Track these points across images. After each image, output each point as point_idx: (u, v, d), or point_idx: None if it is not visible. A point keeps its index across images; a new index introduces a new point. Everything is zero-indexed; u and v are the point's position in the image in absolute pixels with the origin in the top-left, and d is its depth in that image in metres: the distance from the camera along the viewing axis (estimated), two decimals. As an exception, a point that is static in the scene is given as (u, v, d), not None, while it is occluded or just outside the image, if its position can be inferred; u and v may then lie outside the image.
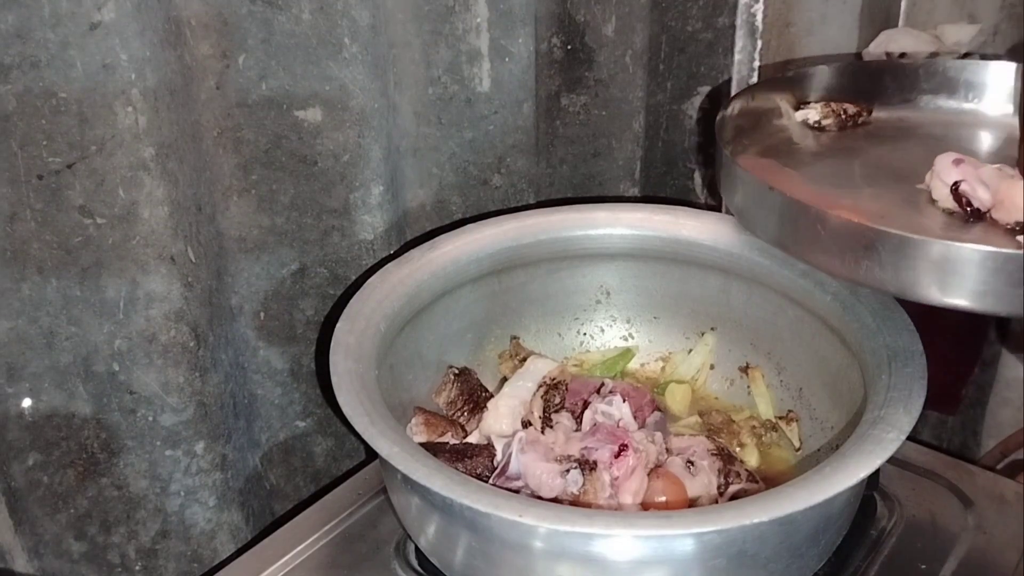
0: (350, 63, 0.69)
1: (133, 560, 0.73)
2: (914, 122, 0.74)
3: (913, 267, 0.54)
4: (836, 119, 0.73)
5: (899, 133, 0.73)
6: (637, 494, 0.61)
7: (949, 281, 0.53)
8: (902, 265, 0.54)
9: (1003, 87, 0.73)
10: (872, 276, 0.55)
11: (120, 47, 0.58)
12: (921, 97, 0.75)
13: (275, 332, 0.77)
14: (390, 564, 0.64)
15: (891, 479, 0.70)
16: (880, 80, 0.75)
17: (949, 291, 0.53)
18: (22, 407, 0.66)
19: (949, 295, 0.54)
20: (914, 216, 0.62)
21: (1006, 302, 0.52)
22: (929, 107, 0.74)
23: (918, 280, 0.54)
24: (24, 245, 0.62)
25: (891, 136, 0.72)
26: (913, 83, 0.75)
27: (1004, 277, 0.52)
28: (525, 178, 0.84)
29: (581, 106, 0.88)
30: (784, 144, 0.72)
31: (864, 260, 0.55)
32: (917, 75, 0.75)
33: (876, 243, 0.54)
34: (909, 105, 0.75)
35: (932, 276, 0.53)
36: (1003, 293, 0.52)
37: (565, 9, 0.84)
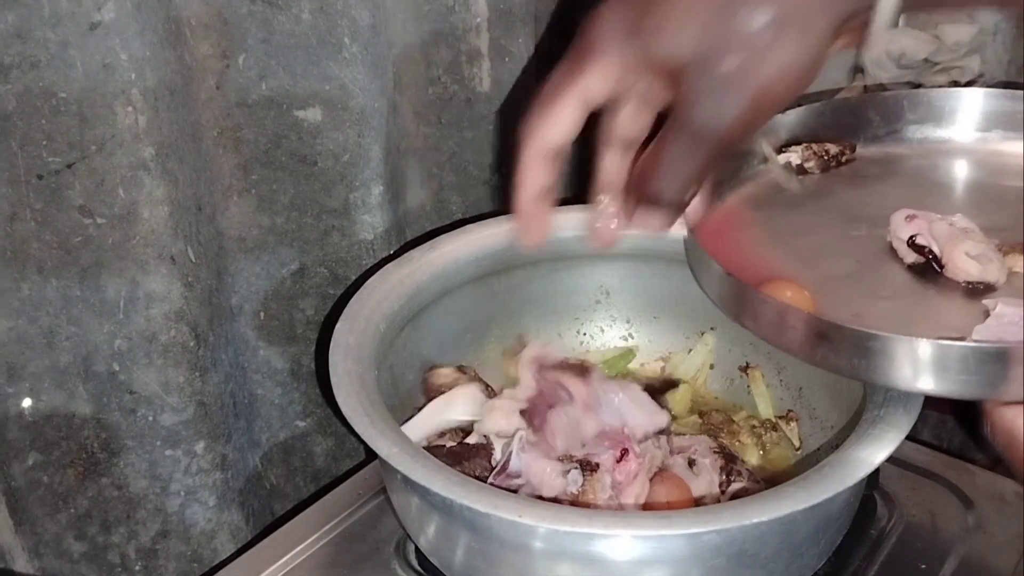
0: (350, 63, 0.69)
1: (133, 560, 0.73)
2: (900, 156, 0.72)
3: (867, 357, 0.53)
4: (818, 160, 0.71)
5: (884, 170, 0.71)
6: (638, 498, 0.61)
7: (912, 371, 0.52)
8: (853, 354, 0.53)
9: (985, 112, 0.71)
10: (828, 362, 0.54)
11: (120, 47, 0.58)
12: (907, 128, 0.72)
13: (275, 332, 0.77)
14: (390, 564, 0.64)
15: (891, 479, 0.70)
16: (863, 114, 0.73)
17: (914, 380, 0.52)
18: (22, 407, 0.66)
19: (912, 384, 0.52)
20: (876, 279, 0.61)
21: (972, 388, 0.51)
22: (915, 138, 0.72)
23: (874, 368, 0.53)
24: (24, 245, 0.62)
25: (875, 175, 0.70)
26: (898, 115, 0.72)
27: (953, 365, 0.51)
28: (525, 178, 0.84)
29: (581, 106, 0.88)
30: (766, 191, 0.70)
31: (819, 347, 0.54)
32: (901, 106, 0.73)
33: (828, 333, 0.53)
34: (895, 137, 0.72)
35: (885, 365, 0.52)
36: (957, 379, 0.51)
37: (565, 9, 0.84)
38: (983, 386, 0.51)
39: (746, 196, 0.69)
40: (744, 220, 0.67)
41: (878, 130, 0.73)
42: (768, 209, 0.68)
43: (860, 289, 0.60)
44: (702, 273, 0.63)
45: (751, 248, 0.63)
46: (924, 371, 0.51)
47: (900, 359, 0.51)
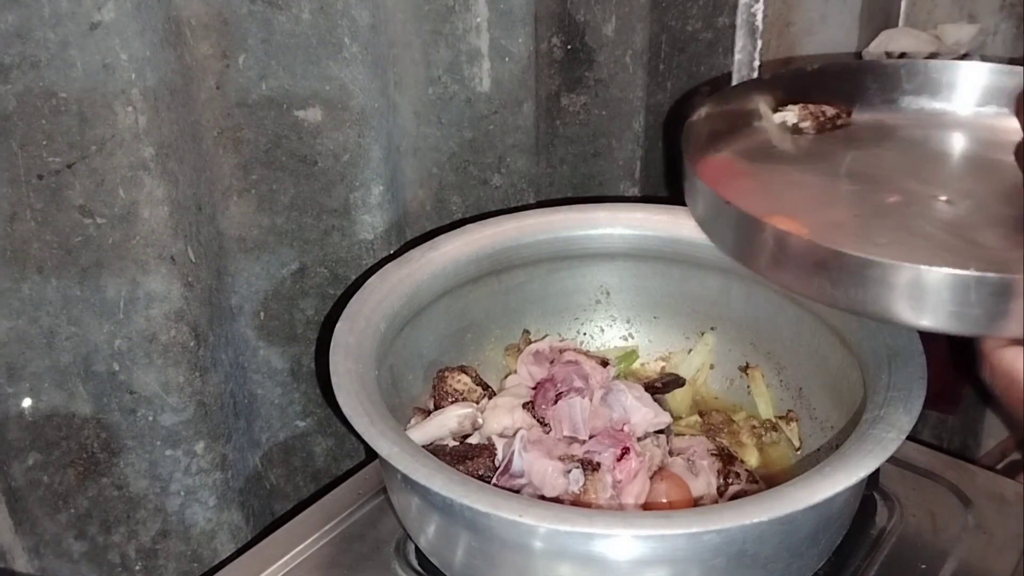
0: (350, 63, 0.69)
1: (133, 560, 0.73)
2: (894, 124, 0.72)
3: (865, 286, 0.52)
4: (814, 121, 0.71)
5: (878, 136, 0.71)
6: (639, 497, 0.61)
7: (910, 302, 0.52)
8: (851, 284, 0.53)
9: (982, 87, 0.71)
10: (824, 294, 0.54)
11: (120, 47, 0.58)
12: (903, 98, 0.73)
13: (275, 332, 0.77)
14: (390, 564, 0.64)
15: (891, 479, 0.70)
16: (861, 81, 0.73)
17: (910, 312, 0.52)
18: (22, 407, 0.66)
19: (911, 316, 0.52)
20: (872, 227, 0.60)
21: (969, 322, 0.51)
22: (911, 108, 0.73)
23: (871, 299, 0.52)
24: (24, 245, 0.62)
25: (870, 139, 0.71)
26: (895, 84, 0.73)
27: (952, 296, 0.50)
28: (525, 178, 0.84)
29: (581, 106, 0.88)
30: (760, 147, 0.71)
31: (815, 277, 0.54)
32: (899, 76, 0.73)
33: (826, 261, 0.53)
34: (890, 106, 0.73)
35: (884, 296, 0.52)
36: (958, 314, 0.50)
37: (565, 9, 0.84)
38: (982, 321, 0.50)
39: (740, 150, 0.70)
40: (738, 171, 0.67)
41: (874, 98, 0.73)
42: (764, 162, 0.68)
43: (856, 233, 0.59)
44: (700, 207, 0.63)
45: (748, 194, 0.63)
46: (921, 302, 0.51)
47: (898, 288, 0.51)
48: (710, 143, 0.69)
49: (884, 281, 0.51)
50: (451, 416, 0.66)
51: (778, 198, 0.64)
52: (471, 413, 0.66)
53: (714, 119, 0.69)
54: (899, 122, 0.72)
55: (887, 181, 0.65)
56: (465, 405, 0.67)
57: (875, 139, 0.71)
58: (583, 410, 0.65)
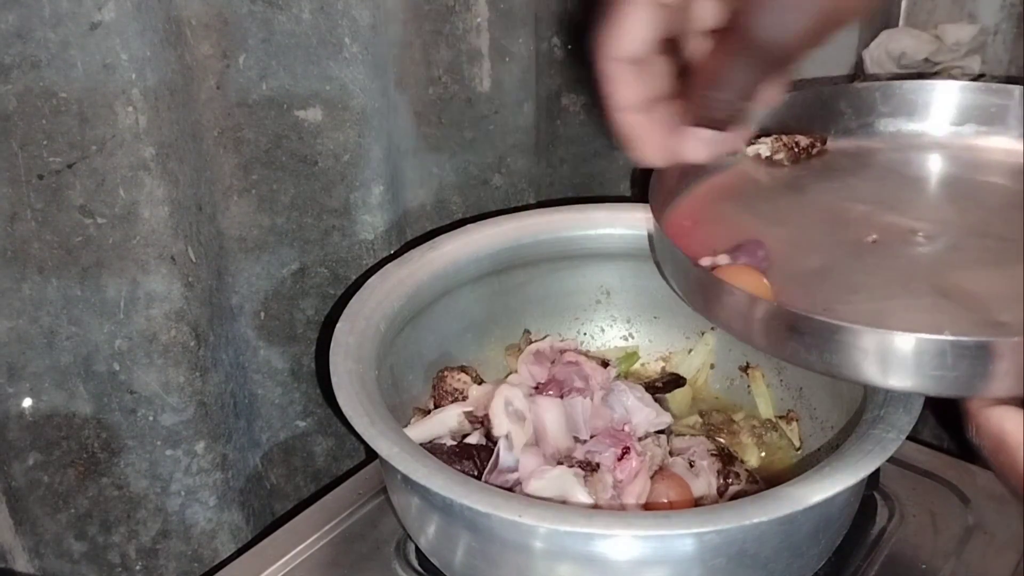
0: (350, 63, 0.69)
1: (133, 560, 0.73)
2: (872, 149, 0.70)
3: (839, 351, 0.50)
4: (788, 152, 0.69)
5: (856, 163, 0.69)
6: (640, 497, 0.61)
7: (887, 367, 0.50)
8: (825, 348, 0.51)
9: (958, 105, 0.69)
10: (799, 358, 0.52)
11: (120, 47, 0.58)
12: (879, 121, 0.71)
13: (275, 332, 0.77)
14: (390, 564, 0.64)
15: (891, 479, 0.70)
16: (835, 107, 0.71)
17: (887, 376, 0.50)
18: (22, 407, 0.66)
19: (883, 379, 0.50)
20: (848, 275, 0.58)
21: (943, 385, 0.49)
22: (888, 131, 0.71)
23: (845, 364, 0.51)
24: (24, 245, 0.62)
25: (847, 167, 0.69)
26: (870, 107, 0.71)
27: (930, 360, 0.49)
28: (525, 178, 0.84)
29: (581, 106, 0.88)
30: (734, 184, 0.68)
31: (789, 341, 0.52)
32: (874, 98, 0.71)
33: (799, 326, 0.51)
34: (868, 130, 0.71)
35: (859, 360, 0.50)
36: (937, 377, 0.49)
37: (565, 9, 0.84)
38: (963, 383, 0.49)
39: (714, 188, 0.68)
40: (711, 213, 0.65)
41: (850, 122, 0.71)
42: (737, 201, 0.66)
43: (832, 285, 0.58)
44: (668, 265, 0.62)
45: (719, 242, 0.62)
46: (899, 366, 0.49)
47: (873, 353, 0.49)
48: (680, 184, 0.66)
49: (858, 346, 0.49)
50: (451, 415, 0.66)
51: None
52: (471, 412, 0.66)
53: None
54: (876, 147, 0.70)
55: (864, 217, 0.63)
56: (465, 404, 0.67)
57: (852, 167, 0.68)
58: (584, 410, 0.65)
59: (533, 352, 0.73)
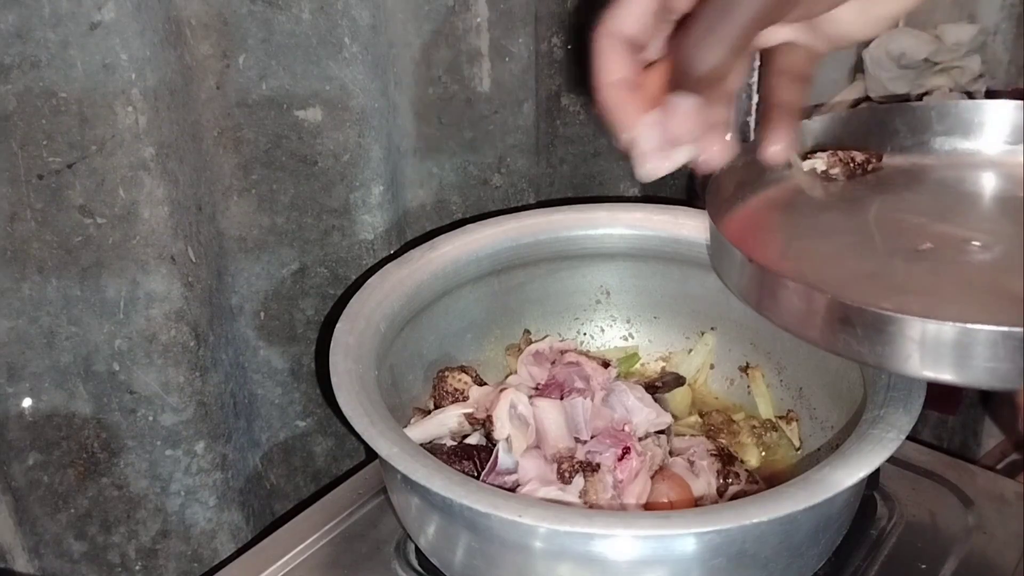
0: (350, 63, 0.69)
1: (133, 560, 0.73)
2: (927, 166, 0.70)
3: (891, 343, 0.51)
4: (844, 168, 0.69)
5: (910, 180, 0.69)
6: (641, 497, 0.61)
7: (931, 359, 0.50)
8: (878, 340, 0.51)
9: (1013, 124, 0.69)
10: (851, 351, 0.52)
11: (120, 47, 0.58)
12: (934, 140, 0.71)
13: (275, 332, 0.77)
14: (390, 564, 0.64)
15: (891, 479, 0.70)
16: (891, 124, 0.72)
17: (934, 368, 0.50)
18: (22, 407, 0.66)
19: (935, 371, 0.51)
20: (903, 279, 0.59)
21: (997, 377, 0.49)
22: (942, 150, 0.71)
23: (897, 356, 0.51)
24: (24, 245, 0.62)
25: (901, 183, 0.69)
26: (925, 126, 0.71)
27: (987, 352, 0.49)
28: (525, 178, 0.85)
29: (581, 106, 0.88)
30: (788, 197, 0.69)
31: (841, 334, 0.52)
32: (929, 117, 0.71)
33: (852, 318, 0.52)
34: (922, 149, 0.71)
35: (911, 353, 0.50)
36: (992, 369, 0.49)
37: (565, 9, 0.84)
38: (1016, 375, 0.49)
39: (769, 199, 0.68)
40: (767, 222, 0.66)
41: (905, 140, 0.72)
42: (792, 212, 0.67)
43: (885, 286, 0.58)
44: (724, 264, 0.62)
45: (773, 247, 0.62)
46: (951, 357, 0.50)
47: (925, 344, 0.50)
48: (736, 195, 0.67)
49: (911, 337, 0.50)
50: (451, 415, 0.66)
51: (807, 250, 0.63)
52: (471, 413, 0.66)
53: (740, 169, 0.67)
54: (931, 164, 0.70)
55: (919, 227, 0.63)
56: (466, 405, 0.67)
57: (906, 183, 0.69)
58: (585, 410, 0.65)
59: (533, 352, 0.73)
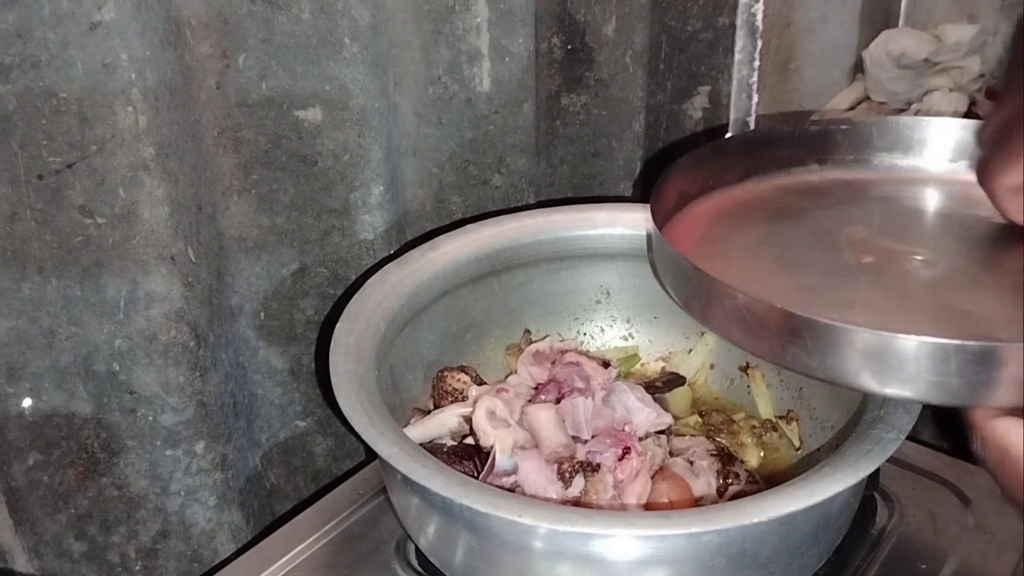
0: (350, 63, 0.69)
1: (133, 560, 0.73)
2: (866, 182, 0.71)
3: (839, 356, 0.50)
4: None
5: (851, 194, 0.70)
6: (641, 497, 0.61)
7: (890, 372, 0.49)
8: (827, 353, 0.51)
9: (954, 143, 0.70)
10: (800, 363, 0.52)
11: (120, 47, 0.58)
12: (875, 155, 0.72)
13: (275, 332, 0.77)
14: (390, 564, 0.64)
15: (891, 479, 0.70)
16: (832, 139, 0.72)
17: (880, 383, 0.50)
18: (22, 407, 0.66)
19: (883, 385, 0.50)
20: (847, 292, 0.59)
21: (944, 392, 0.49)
22: (883, 166, 0.71)
23: (846, 369, 0.50)
24: (24, 245, 0.62)
25: (842, 197, 0.69)
26: (866, 141, 0.72)
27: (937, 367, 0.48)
28: (525, 178, 0.85)
29: (581, 106, 0.88)
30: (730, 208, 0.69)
31: (790, 347, 0.52)
32: (870, 133, 0.72)
33: (801, 330, 0.51)
34: (863, 164, 0.72)
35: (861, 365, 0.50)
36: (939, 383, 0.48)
37: (565, 9, 0.84)
38: (967, 391, 0.48)
39: (711, 208, 0.69)
40: (709, 233, 0.66)
41: (846, 155, 0.73)
42: (734, 223, 0.67)
43: (830, 300, 0.58)
44: (669, 273, 0.62)
45: (717, 257, 0.62)
46: (901, 372, 0.49)
47: (875, 358, 0.49)
48: (679, 204, 0.68)
49: (860, 350, 0.49)
50: (451, 415, 0.66)
51: (750, 261, 0.63)
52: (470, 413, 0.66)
53: (682, 180, 0.68)
54: (872, 180, 0.71)
55: (861, 241, 0.63)
56: (465, 405, 0.67)
57: (848, 197, 0.69)
58: (586, 410, 0.65)
59: (533, 352, 0.73)
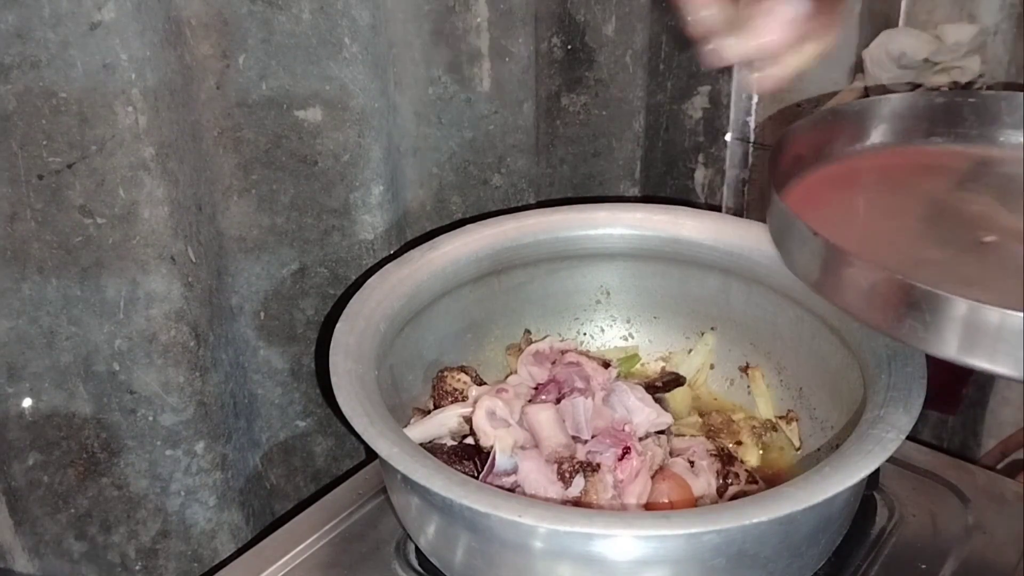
0: (350, 63, 0.69)
1: (133, 560, 0.73)
2: (990, 157, 0.69)
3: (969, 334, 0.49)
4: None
5: (972, 168, 0.68)
6: (641, 497, 0.61)
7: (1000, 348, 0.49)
8: (948, 328, 0.50)
9: None
10: (915, 336, 0.51)
11: (120, 47, 0.58)
12: (1001, 132, 0.70)
13: (275, 332, 0.77)
14: (390, 564, 0.64)
15: (891, 479, 0.70)
16: (958, 112, 0.71)
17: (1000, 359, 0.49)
18: (22, 407, 0.66)
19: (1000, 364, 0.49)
20: (969, 268, 0.58)
21: None
22: (1009, 143, 0.69)
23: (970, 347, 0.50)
24: (24, 245, 0.62)
25: (963, 172, 0.68)
26: (995, 116, 0.70)
27: None
28: (525, 178, 0.85)
29: (581, 106, 0.88)
30: (847, 175, 0.68)
31: (907, 319, 0.51)
32: (999, 108, 0.70)
33: (921, 303, 0.50)
34: (987, 139, 0.70)
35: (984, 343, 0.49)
36: None
37: (565, 9, 0.84)
38: None
39: (829, 177, 0.67)
40: (827, 199, 0.65)
41: (971, 129, 0.70)
42: (851, 191, 0.66)
43: (951, 276, 0.56)
44: (786, 238, 0.61)
45: (834, 225, 0.60)
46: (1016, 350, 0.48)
47: (996, 335, 0.48)
48: (795, 169, 0.66)
49: (982, 327, 0.48)
50: (451, 415, 0.66)
51: (867, 231, 0.62)
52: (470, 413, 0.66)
53: (800, 143, 0.67)
54: (994, 156, 0.69)
55: (982, 218, 0.62)
56: (465, 405, 0.67)
57: (969, 173, 0.68)
58: (586, 410, 0.65)
59: (533, 352, 0.73)
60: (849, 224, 0.62)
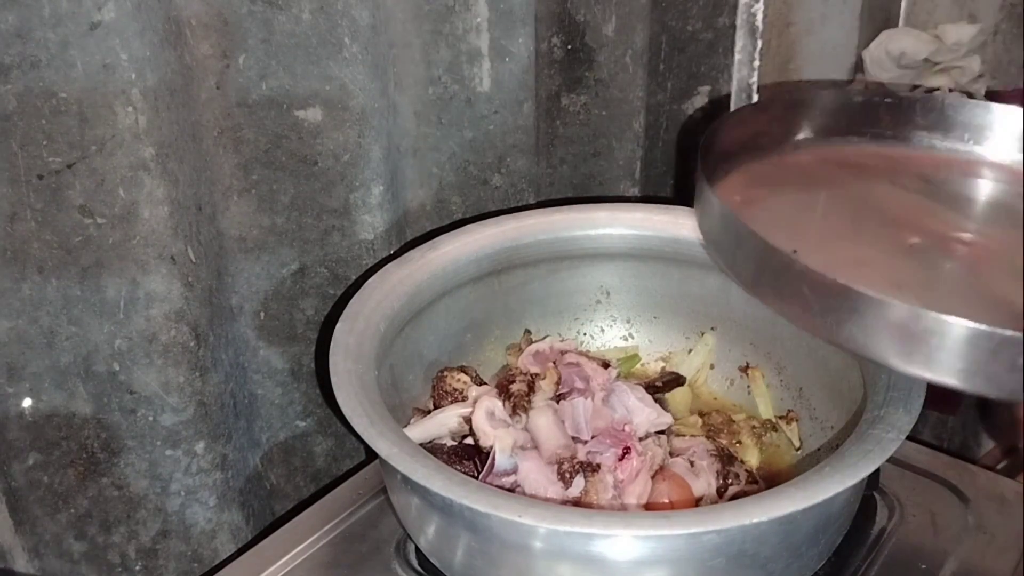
0: (350, 63, 0.69)
1: (133, 560, 0.73)
2: (907, 158, 0.70)
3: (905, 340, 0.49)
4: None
5: (891, 169, 0.69)
6: (641, 497, 0.61)
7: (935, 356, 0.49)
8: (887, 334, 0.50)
9: (1009, 132, 0.69)
10: (854, 342, 0.51)
11: (120, 47, 0.58)
12: (916, 133, 0.71)
13: (275, 332, 0.77)
14: (390, 564, 0.64)
15: (891, 479, 0.70)
16: (875, 113, 0.71)
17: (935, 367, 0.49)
18: (22, 407, 0.66)
19: (935, 372, 0.49)
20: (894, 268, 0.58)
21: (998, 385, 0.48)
22: (923, 144, 0.70)
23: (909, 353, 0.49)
24: (24, 245, 0.62)
25: (885, 172, 0.68)
26: (908, 118, 0.71)
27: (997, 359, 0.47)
28: (525, 178, 0.85)
29: (581, 106, 0.88)
30: (774, 172, 0.68)
31: (846, 323, 0.51)
32: (914, 110, 0.71)
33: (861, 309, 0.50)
34: (902, 141, 0.71)
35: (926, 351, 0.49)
36: (996, 376, 0.48)
37: (565, 9, 0.84)
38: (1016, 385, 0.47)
39: (756, 173, 0.68)
40: (755, 195, 0.65)
41: (886, 130, 0.71)
42: (778, 188, 0.66)
43: (879, 278, 0.56)
44: (717, 232, 0.61)
45: (765, 223, 0.60)
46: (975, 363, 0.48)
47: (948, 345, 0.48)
48: (724, 162, 0.67)
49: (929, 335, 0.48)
50: (451, 415, 0.66)
51: (797, 230, 0.61)
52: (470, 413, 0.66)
53: (729, 139, 0.67)
54: (911, 157, 0.70)
55: (906, 220, 0.62)
56: (465, 405, 0.67)
57: (887, 173, 0.68)
58: (586, 410, 0.65)
59: (533, 352, 0.73)
60: (776, 223, 0.61)
